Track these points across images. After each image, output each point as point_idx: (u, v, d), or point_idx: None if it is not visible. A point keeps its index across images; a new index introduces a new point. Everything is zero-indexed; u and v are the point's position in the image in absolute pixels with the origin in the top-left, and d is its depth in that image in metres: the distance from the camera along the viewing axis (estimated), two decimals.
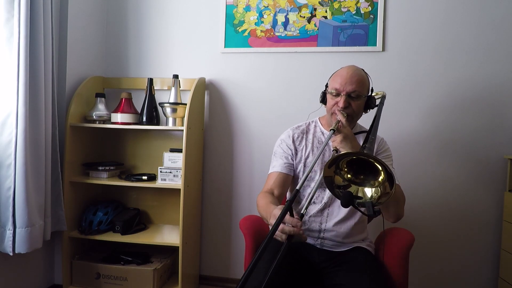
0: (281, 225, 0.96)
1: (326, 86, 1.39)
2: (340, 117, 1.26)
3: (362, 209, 1.05)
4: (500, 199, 1.87)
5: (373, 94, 1.38)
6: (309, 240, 1.37)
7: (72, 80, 1.97)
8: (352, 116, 1.31)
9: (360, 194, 1.04)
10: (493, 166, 1.89)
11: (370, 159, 0.99)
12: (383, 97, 1.43)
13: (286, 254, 1.31)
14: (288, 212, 0.97)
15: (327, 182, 1.04)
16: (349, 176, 1.05)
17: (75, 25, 1.97)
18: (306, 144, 1.41)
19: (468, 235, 1.93)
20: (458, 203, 1.93)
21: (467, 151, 1.91)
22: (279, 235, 0.96)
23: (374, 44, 1.96)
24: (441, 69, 1.92)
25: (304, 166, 1.38)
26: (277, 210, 1.05)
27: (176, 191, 1.96)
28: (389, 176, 0.97)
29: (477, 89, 1.89)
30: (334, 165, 1.03)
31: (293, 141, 1.41)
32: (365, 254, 1.33)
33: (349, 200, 1.00)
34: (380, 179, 1.01)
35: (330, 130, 1.19)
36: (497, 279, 1.87)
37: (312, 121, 1.49)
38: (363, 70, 1.36)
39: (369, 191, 1.03)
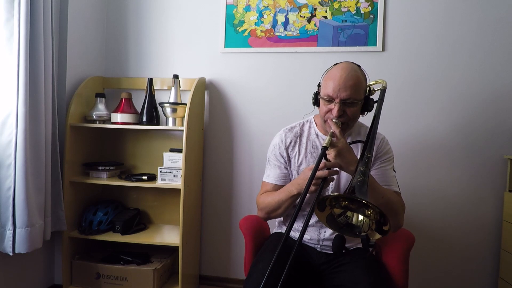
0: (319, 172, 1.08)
1: (319, 85, 1.30)
2: (334, 127, 1.15)
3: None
4: (500, 199, 1.87)
5: (371, 83, 1.30)
6: (309, 243, 1.36)
7: (72, 80, 1.97)
8: (347, 123, 1.23)
9: (354, 220, 1.03)
10: (493, 166, 1.89)
11: (358, 199, 0.96)
12: (383, 91, 1.30)
13: (285, 255, 1.31)
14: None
15: (329, 222, 1.03)
16: (346, 202, 1.02)
17: (75, 25, 1.97)
18: (299, 150, 1.36)
19: (468, 235, 1.93)
20: (458, 203, 1.93)
21: (467, 151, 1.91)
22: (323, 174, 1.09)
23: (374, 44, 1.96)
24: (441, 69, 1.92)
25: (298, 173, 1.35)
26: (307, 170, 1.17)
27: (176, 191, 1.96)
28: (379, 220, 0.95)
29: (477, 89, 1.89)
30: (325, 205, 1.01)
31: (286, 148, 1.37)
32: (365, 254, 1.32)
33: (339, 245, 1.02)
34: (369, 212, 0.99)
35: (322, 147, 1.09)
36: (497, 279, 1.87)
37: (307, 121, 1.42)
38: (359, 67, 1.25)
39: (361, 218, 1.02)
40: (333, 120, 1.19)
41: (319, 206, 1.00)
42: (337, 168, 1.14)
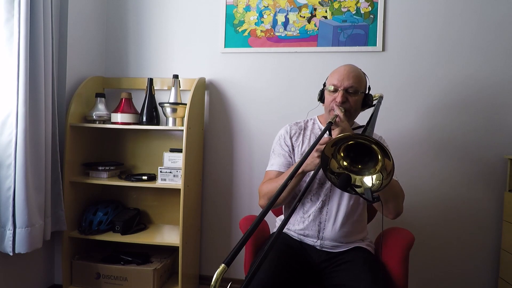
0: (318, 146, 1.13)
1: (324, 85, 1.40)
2: (337, 111, 1.26)
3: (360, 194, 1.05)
4: (500, 199, 1.87)
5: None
6: (308, 241, 1.37)
7: (72, 80, 1.97)
8: (350, 112, 1.32)
9: (358, 183, 1.03)
10: (493, 166, 1.89)
11: (373, 145, 0.98)
12: (380, 98, 1.44)
13: (285, 254, 1.31)
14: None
15: (323, 160, 1.02)
16: (345, 163, 1.04)
17: (75, 25, 1.97)
18: (303, 140, 1.42)
19: (468, 235, 1.93)
20: (458, 203, 1.93)
21: (467, 151, 1.91)
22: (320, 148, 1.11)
23: (374, 44, 1.96)
24: (441, 69, 1.92)
25: None
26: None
27: (176, 191, 1.96)
28: (386, 155, 0.97)
29: (477, 89, 1.89)
30: (335, 146, 1.02)
31: (290, 137, 1.43)
32: (364, 254, 1.33)
33: (346, 182, 1.00)
34: (379, 164, 1.00)
35: (328, 122, 1.20)
36: (497, 279, 1.87)
37: (311, 119, 1.50)
38: (361, 69, 1.38)
39: (369, 180, 1.02)
40: (337, 105, 1.29)
41: (332, 143, 1.01)
42: None
